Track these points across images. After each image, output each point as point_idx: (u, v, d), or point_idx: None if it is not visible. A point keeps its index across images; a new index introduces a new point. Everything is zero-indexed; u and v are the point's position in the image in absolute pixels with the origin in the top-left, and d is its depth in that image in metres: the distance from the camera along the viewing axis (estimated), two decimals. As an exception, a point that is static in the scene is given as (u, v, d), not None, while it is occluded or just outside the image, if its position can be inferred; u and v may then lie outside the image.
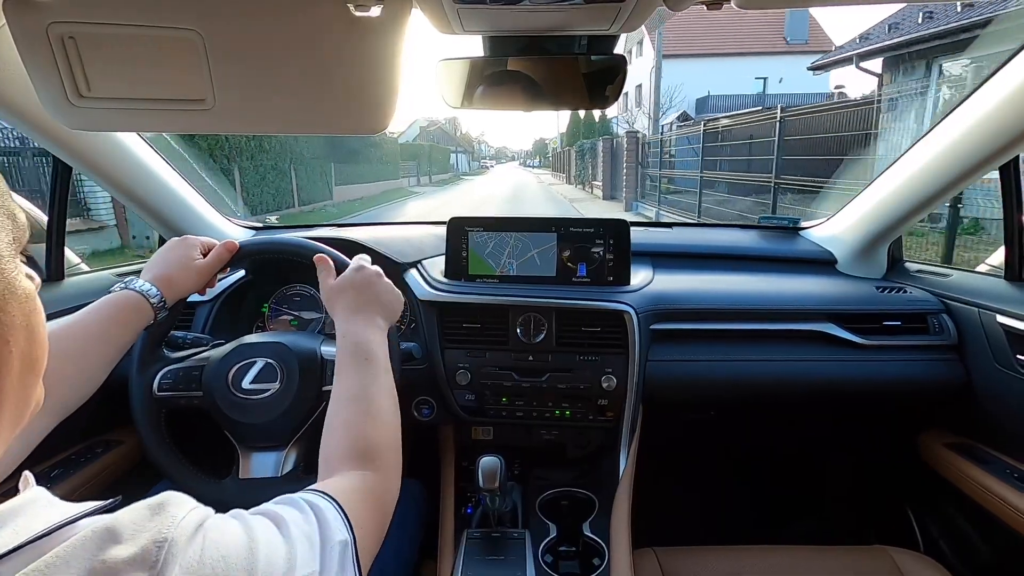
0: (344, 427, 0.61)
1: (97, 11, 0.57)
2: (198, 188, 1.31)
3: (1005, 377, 0.99)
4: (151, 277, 0.76)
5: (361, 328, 0.71)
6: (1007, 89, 0.87)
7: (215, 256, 0.83)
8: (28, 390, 0.36)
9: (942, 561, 1.00)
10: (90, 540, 0.29)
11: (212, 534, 0.35)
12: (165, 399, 0.83)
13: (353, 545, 0.45)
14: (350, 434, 0.60)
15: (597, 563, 1.02)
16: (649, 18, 0.67)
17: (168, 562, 0.31)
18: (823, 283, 1.23)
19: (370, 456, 0.58)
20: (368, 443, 0.59)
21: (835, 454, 1.52)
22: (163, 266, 0.79)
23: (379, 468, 0.57)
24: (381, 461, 0.58)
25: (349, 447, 0.58)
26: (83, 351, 0.66)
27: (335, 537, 0.43)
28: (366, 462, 0.57)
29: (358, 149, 17.59)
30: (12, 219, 0.34)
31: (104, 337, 0.68)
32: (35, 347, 0.35)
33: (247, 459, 0.84)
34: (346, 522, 0.46)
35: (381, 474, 0.57)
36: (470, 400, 1.12)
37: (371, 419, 0.62)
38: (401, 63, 0.64)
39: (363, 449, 0.58)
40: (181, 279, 0.78)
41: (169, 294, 0.76)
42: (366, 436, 0.60)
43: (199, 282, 0.81)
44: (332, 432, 0.61)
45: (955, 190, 1.05)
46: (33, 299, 0.35)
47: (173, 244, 0.82)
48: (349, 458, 0.57)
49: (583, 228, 1.15)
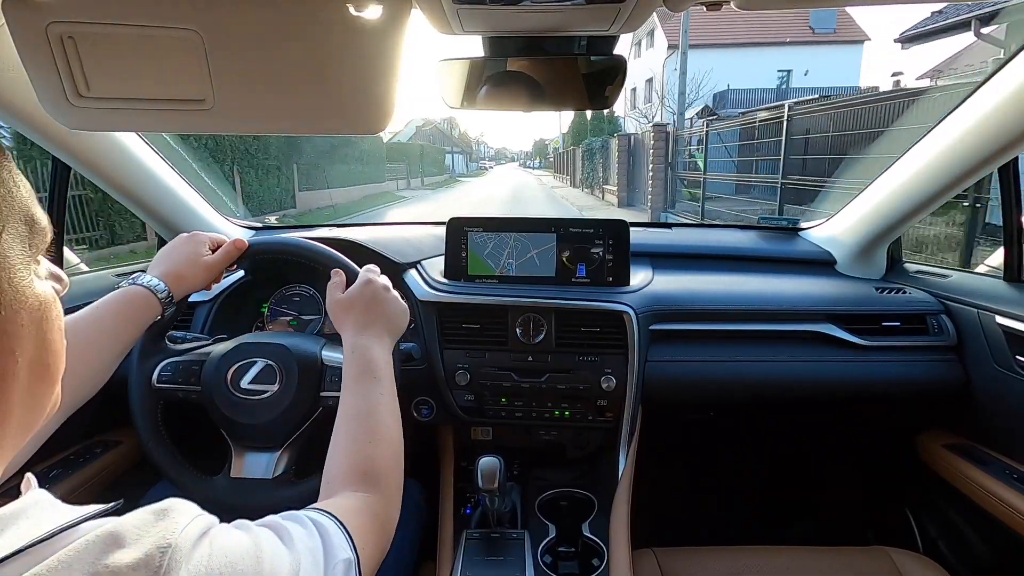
0: (348, 447, 0.61)
1: (97, 11, 0.57)
2: (197, 188, 1.31)
3: (1004, 378, 0.99)
4: (159, 273, 0.77)
5: (369, 345, 0.71)
6: (1007, 89, 0.87)
7: (224, 253, 0.83)
8: (39, 399, 0.35)
9: (941, 562, 1.00)
10: (93, 544, 0.29)
11: (218, 541, 0.35)
12: (163, 391, 0.84)
13: (357, 566, 0.45)
14: (354, 455, 0.60)
15: (596, 563, 1.02)
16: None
17: (172, 568, 0.31)
18: (822, 284, 1.23)
19: (373, 478, 0.58)
20: (371, 465, 0.59)
21: (834, 455, 1.52)
22: (172, 262, 0.79)
23: (382, 490, 0.58)
24: (384, 483, 0.58)
25: (352, 467, 0.59)
26: (93, 347, 0.66)
27: (339, 555, 0.44)
28: (369, 484, 0.57)
29: (331, 149, 15.20)
30: (31, 225, 0.33)
31: (113, 332, 0.69)
32: (48, 355, 0.35)
33: (240, 458, 0.84)
34: (350, 541, 0.46)
35: (383, 496, 0.57)
36: (469, 400, 1.12)
37: (375, 440, 0.62)
38: (401, 63, 0.64)
39: (366, 470, 0.58)
40: (189, 275, 0.79)
41: (177, 289, 0.77)
42: (370, 457, 0.60)
43: (207, 278, 0.82)
44: (337, 451, 0.61)
45: (954, 191, 1.05)
46: (48, 307, 0.34)
47: (182, 240, 0.82)
48: (352, 479, 0.57)
49: (583, 228, 1.15)
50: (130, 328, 0.72)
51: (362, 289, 0.77)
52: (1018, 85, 0.85)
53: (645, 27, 19.43)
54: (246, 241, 0.86)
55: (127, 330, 0.71)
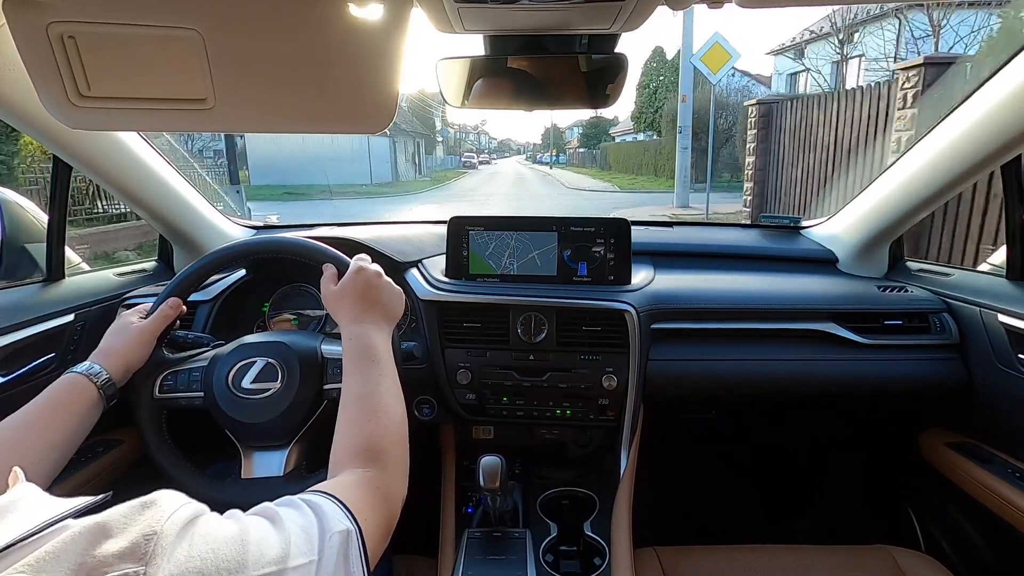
0: (349, 428, 0.62)
1: (97, 10, 0.57)
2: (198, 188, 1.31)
3: (1006, 376, 0.99)
4: (95, 354, 0.76)
5: (365, 331, 0.72)
6: (1007, 89, 0.87)
7: (159, 315, 0.82)
8: None
9: (943, 560, 1.00)
10: (81, 536, 0.29)
11: (202, 528, 0.35)
12: (166, 400, 0.84)
13: (359, 536, 0.45)
14: (354, 434, 0.61)
15: (598, 562, 1.02)
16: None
17: (157, 554, 0.31)
18: (824, 282, 1.23)
19: (373, 454, 0.58)
20: (371, 441, 0.60)
21: (836, 453, 1.52)
22: (105, 340, 0.79)
23: (383, 465, 0.58)
24: (385, 458, 0.59)
25: (354, 446, 0.59)
26: (22, 444, 0.64)
27: (334, 528, 0.43)
28: (369, 460, 0.57)
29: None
30: None
31: (46, 426, 0.67)
32: None
33: (249, 459, 0.84)
34: (347, 513, 0.46)
35: (385, 471, 0.58)
36: (471, 399, 1.12)
37: (375, 418, 0.62)
38: (402, 62, 0.64)
39: (366, 447, 0.59)
40: (122, 347, 0.78)
41: (115, 367, 0.75)
42: (369, 435, 0.60)
43: (146, 342, 0.80)
44: (338, 435, 0.62)
45: (957, 189, 1.05)
46: None
47: (117, 318, 0.83)
48: (353, 457, 0.58)
49: (584, 228, 1.15)
50: (67, 418, 0.69)
51: (354, 278, 0.77)
52: (1018, 85, 0.84)
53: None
54: (179, 300, 0.85)
55: (64, 420, 0.68)
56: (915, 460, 1.23)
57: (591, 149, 34.01)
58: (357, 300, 0.75)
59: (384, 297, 0.78)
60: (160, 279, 1.27)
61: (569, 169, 33.00)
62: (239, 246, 0.91)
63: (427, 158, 32.12)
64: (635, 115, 23.64)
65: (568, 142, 57.42)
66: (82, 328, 1.05)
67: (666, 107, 16.68)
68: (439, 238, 1.24)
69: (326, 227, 1.46)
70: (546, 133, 73.62)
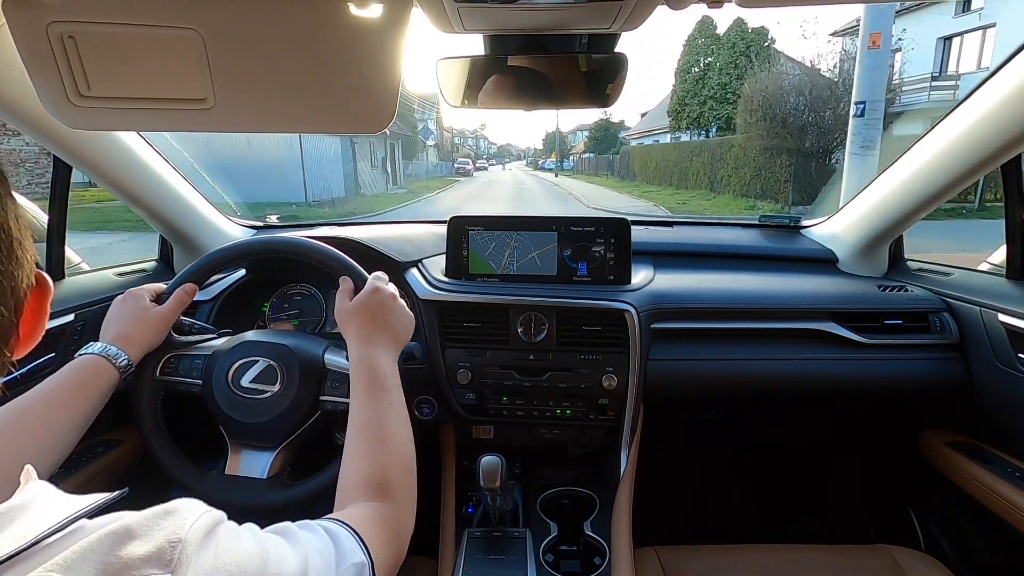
0: (359, 458, 0.61)
1: (97, 10, 0.57)
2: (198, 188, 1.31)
3: (1007, 376, 0.99)
4: (110, 337, 0.76)
5: (375, 355, 0.72)
6: (1008, 88, 0.87)
7: (175, 301, 0.83)
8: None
9: (943, 560, 1.00)
10: (107, 537, 0.30)
11: (224, 540, 0.35)
12: (165, 382, 0.85)
13: (371, 571, 0.46)
14: (365, 465, 0.60)
15: (598, 562, 1.02)
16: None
17: (183, 562, 0.31)
18: (824, 282, 1.23)
19: (384, 487, 0.58)
20: (383, 474, 0.60)
21: (836, 453, 1.52)
22: (119, 324, 0.79)
23: (394, 498, 0.58)
24: (396, 492, 0.59)
25: (364, 477, 0.59)
26: (45, 422, 0.65)
27: (349, 559, 0.44)
28: (381, 493, 0.58)
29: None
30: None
31: (67, 405, 0.67)
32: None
33: (236, 456, 0.84)
34: (362, 546, 0.46)
35: (396, 506, 0.58)
36: (471, 399, 1.12)
37: (386, 449, 0.62)
38: (402, 62, 0.64)
39: (379, 481, 0.59)
40: (138, 332, 0.78)
41: (131, 351, 0.76)
42: (381, 467, 0.60)
43: (161, 329, 0.81)
44: (349, 462, 0.61)
45: (957, 188, 1.05)
46: None
47: (121, 300, 0.82)
48: (363, 488, 0.58)
49: (584, 227, 1.15)
50: (86, 398, 0.70)
51: (369, 297, 0.77)
52: (1018, 84, 0.84)
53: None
54: (195, 286, 0.86)
55: (83, 401, 0.69)
56: (915, 460, 1.23)
57: (602, 154, 30.07)
58: (368, 320, 0.75)
59: (395, 320, 0.78)
60: (160, 279, 1.27)
61: (579, 177, 27.48)
62: (264, 241, 0.92)
63: (407, 164, 26.85)
64: (673, 109, 18.01)
65: (572, 147, 55.89)
66: (82, 328, 1.05)
67: (745, 89, 11.79)
68: (439, 238, 1.24)
69: (325, 227, 1.46)
70: (548, 138, 70.91)
